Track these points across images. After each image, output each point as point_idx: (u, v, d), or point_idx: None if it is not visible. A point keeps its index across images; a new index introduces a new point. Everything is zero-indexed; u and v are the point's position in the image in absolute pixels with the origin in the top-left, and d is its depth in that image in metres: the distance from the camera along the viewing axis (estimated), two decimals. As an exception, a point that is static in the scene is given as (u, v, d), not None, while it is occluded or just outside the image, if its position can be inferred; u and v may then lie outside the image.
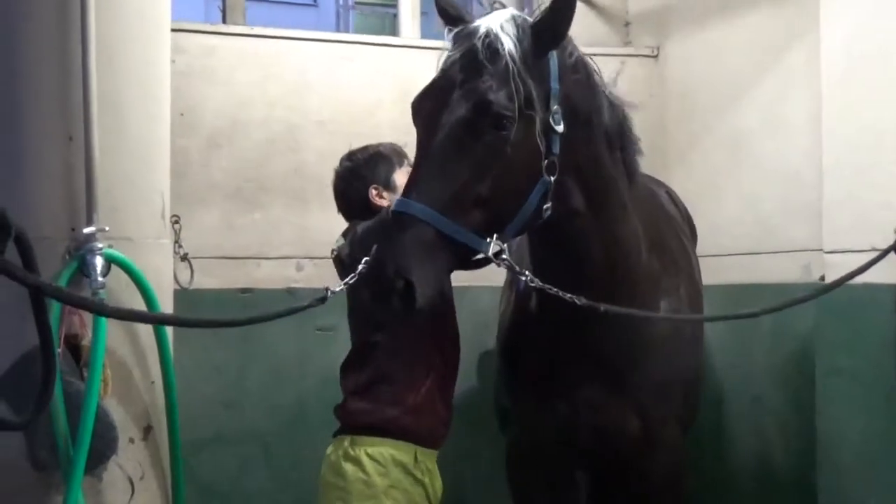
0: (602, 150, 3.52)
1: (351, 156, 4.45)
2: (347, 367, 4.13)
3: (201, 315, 4.44)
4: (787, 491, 5.58)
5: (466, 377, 6.19)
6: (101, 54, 3.22)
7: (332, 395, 5.79)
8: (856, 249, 4.94)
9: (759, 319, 5.23)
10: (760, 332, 5.33)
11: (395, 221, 3.01)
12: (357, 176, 4.30)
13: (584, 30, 6.64)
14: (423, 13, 9.26)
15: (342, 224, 5.94)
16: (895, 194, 4.79)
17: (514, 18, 3.24)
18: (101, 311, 3.23)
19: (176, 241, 4.98)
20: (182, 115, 5.51)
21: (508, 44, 3.14)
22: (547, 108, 3.21)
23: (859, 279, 4.79)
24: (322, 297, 3.22)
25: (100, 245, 3.22)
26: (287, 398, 5.72)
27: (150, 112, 3.48)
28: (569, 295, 3.36)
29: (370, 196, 4.21)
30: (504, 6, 3.40)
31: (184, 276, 5.17)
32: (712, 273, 5.14)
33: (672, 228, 4.21)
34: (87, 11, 3.23)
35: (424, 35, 6.89)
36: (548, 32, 3.26)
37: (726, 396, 5.82)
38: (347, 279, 3.24)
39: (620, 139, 3.62)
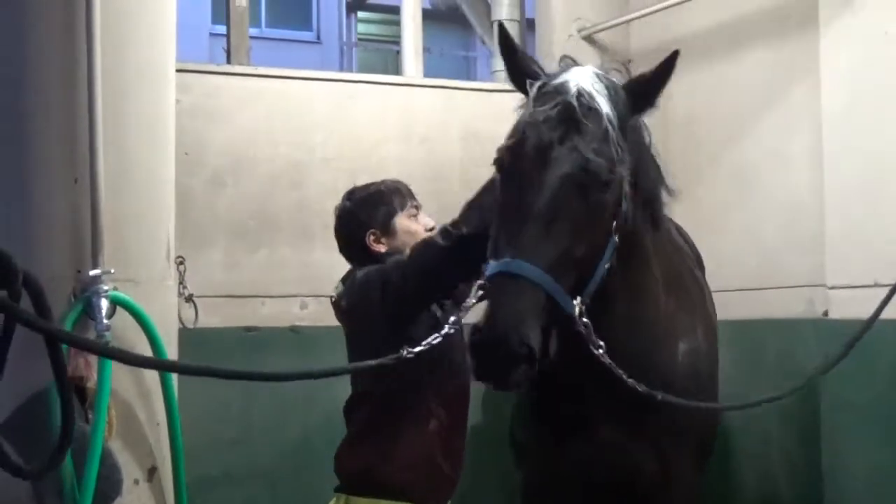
0: (637, 208, 3.51)
1: (351, 195, 4.25)
2: (349, 411, 4.01)
3: (207, 355, 4.44)
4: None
5: (472, 411, 6.20)
6: (108, 97, 3.24)
7: (339, 433, 5.77)
8: (859, 285, 4.94)
9: (764, 356, 5.23)
10: (766, 367, 5.31)
11: (510, 284, 2.91)
12: (354, 219, 4.10)
13: (585, 65, 6.69)
14: (426, 50, 9.32)
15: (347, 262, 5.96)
16: (897, 229, 4.80)
17: (599, 77, 3.21)
18: (129, 361, 3.22)
19: (180, 283, 4.99)
20: (187, 154, 5.52)
21: (605, 106, 3.12)
22: (627, 169, 3.20)
23: (865, 314, 4.78)
24: (397, 356, 3.11)
25: (105, 287, 3.23)
26: (293, 435, 5.71)
27: (156, 154, 3.49)
28: (631, 380, 3.34)
29: (367, 242, 4.02)
30: (575, 62, 3.38)
31: (188, 316, 5.17)
32: (718, 308, 5.14)
33: (686, 265, 4.17)
34: (94, 55, 3.25)
35: (427, 73, 6.93)
36: (643, 98, 3.27)
37: (733, 431, 5.79)
38: (431, 339, 3.12)
39: (655, 196, 3.63)
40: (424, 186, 6.18)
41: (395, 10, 6.99)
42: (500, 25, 3.55)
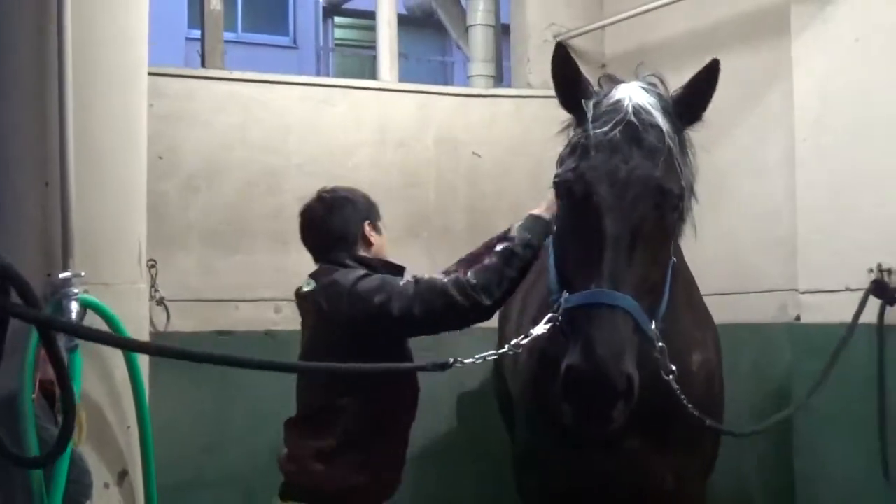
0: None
1: (336, 189, 4.19)
2: (299, 426, 3.92)
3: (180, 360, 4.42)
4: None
5: (445, 418, 6.21)
6: (78, 101, 3.22)
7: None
8: (830, 290, 4.97)
9: (738, 360, 5.25)
10: (741, 370, 5.33)
11: (604, 315, 2.81)
12: (351, 206, 4.04)
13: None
14: (403, 55, 9.32)
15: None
16: (869, 235, 4.83)
17: (649, 91, 3.16)
18: (128, 346, 3.22)
19: (152, 286, 4.98)
20: (161, 157, 5.52)
21: (663, 122, 3.07)
22: (689, 183, 3.19)
23: (836, 318, 4.82)
24: (443, 364, 3.15)
25: (75, 290, 3.21)
26: (267, 440, 5.68)
27: (127, 157, 3.48)
28: (690, 406, 3.34)
29: (364, 230, 4.01)
30: (616, 80, 3.30)
31: (160, 320, 5.15)
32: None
33: (692, 278, 4.12)
34: (65, 58, 3.24)
35: (404, 78, 6.93)
36: (691, 111, 3.24)
37: (706, 436, 5.81)
38: (486, 355, 3.16)
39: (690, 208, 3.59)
40: (399, 191, 6.22)
41: (372, 16, 6.98)
42: (559, 45, 3.39)
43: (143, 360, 3.41)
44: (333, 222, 4.01)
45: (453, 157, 6.39)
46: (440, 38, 15.02)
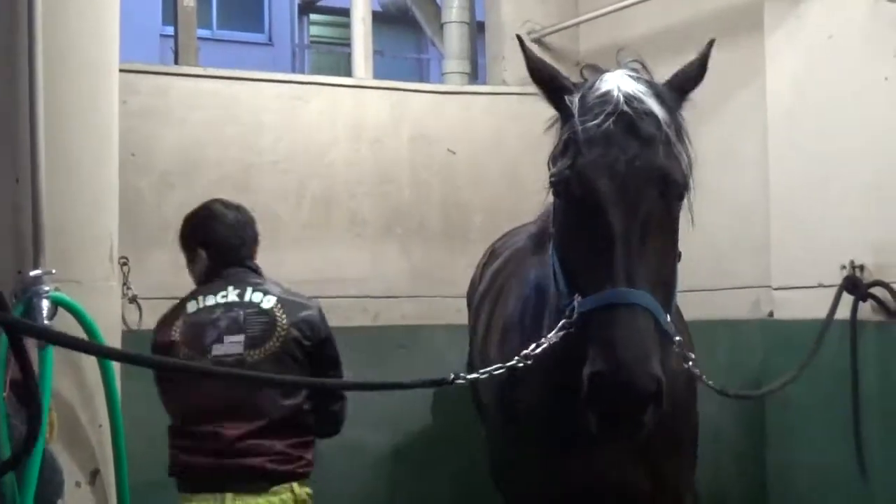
0: None
1: (241, 207, 4.48)
2: (291, 419, 4.12)
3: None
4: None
5: (420, 418, 6.21)
6: (49, 98, 3.19)
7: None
8: (803, 286, 5.00)
9: (713, 356, 5.26)
10: (715, 366, 5.33)
11: (625, 315, 2.69)
12: (252, 228, 4.42)
13: (535, 69, 6.71)
14: (379, 52, 9.29)
15: (296, 264, 5.94)
16: (842, 231, 4.85)
17: (637, 79, 3.04)
18: (103, 353, 3.23)
19: (124, 283, 4.94)
20: (134, 155, 5.48)
21: (657, 108, 2.95)
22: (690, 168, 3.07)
23: (810, 314, 4.85)
24: (442, 380, 3.08)
25: (46, 288, 3.18)
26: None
27: (99, 154, 3.45)
28: (711, 383, 3.34)
29: (254, 251, 4.40)
30: (599, 69, 3.17)
31: (133, 318, 5.11)
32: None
33: None
34: (35, 56, 3.21)
35: (380, 75, 6.92)
36: (683, 93, 3.17)
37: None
38: (492, 369, 3.08)
39: None
40: (374, 188, 6.21)
41: (347, 13, 6.96)
42: (519, 38, 3.32)
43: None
44: (246, 236, 4.37)
45: (428, 154, 6.38)
46: (415, 35, 15.01)
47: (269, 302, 4.14)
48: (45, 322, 3.21)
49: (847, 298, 4.75)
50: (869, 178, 4.78)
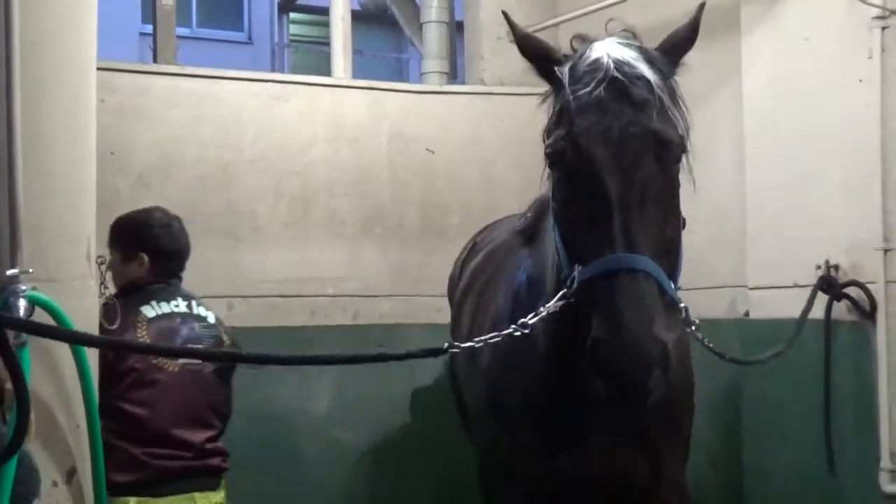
0: None
1: (178, 218, 4.63)
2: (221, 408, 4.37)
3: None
4: (716, 522, 5.63)
5: (399, 413, 6.21)
6: (26, 97, 3.15)
7: (261, 432, 5.77)
8: (779, 286, 5.02)
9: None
10: (692, 364, 5.34)
11: (628, 281, 2.65)
12: (188, 239, 4.61)
13: (514, 70, 6.70)
14: (358, 52, 9.27)
15: (275, 262, 5.94)
16: (817, 232, 4.88)
17: (628, 45, 2.99)
18: (91, 343, 3.23)
19: (101, 282, 4.91)
20: (112, 153, 5.46)
21: (649, 72, 2.89)
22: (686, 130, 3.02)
23: (785, 314, 4.87)
24: (436, 350, 3.05)
25: (23, 287, 3.15)
26: (226, 440, 5.65)
27: (76, 153, 3.41)
28: (717, 351, 3.41)
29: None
30: (589, 38, 3.10)
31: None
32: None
33: None
34: (12, 55, 3.18)
35: (360, 74, 6.91)
36: (676, 57, 3.13)
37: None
38: (487, 338, 3.04)
39: None
40: (353, 187, 6.21)
41: (327, 12, 6.95)
42: (505, 14, 3.28)
43: (92, 359, 3.35)
44: (187, 248, 4.59)
45: (407, 153, 6.38)
46: (395, 35, 14.98)
47: (211, 317, 4.39)
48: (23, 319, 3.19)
49: (822, 298, 4.78)
50: (844, 179, 4.81)
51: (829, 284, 4.79)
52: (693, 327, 3.10)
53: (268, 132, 6.03)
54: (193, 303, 4.39)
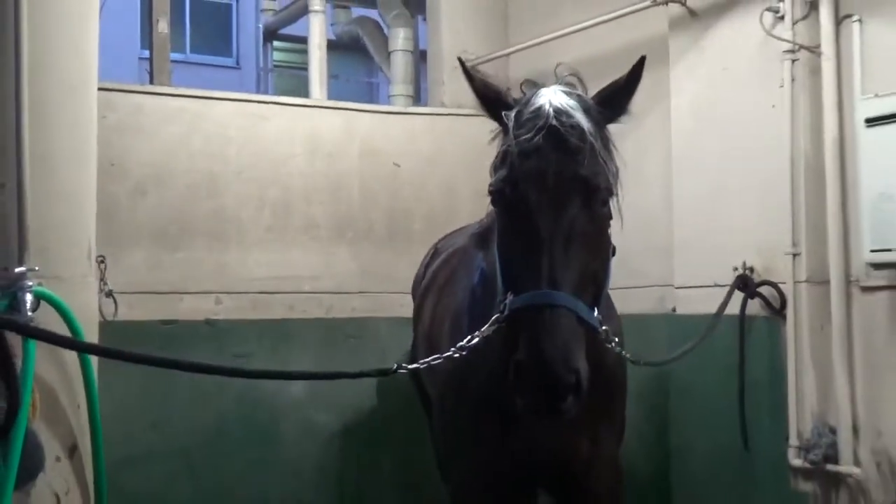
0: None
1: None
2: None
3: (128, 346, 4.37)
4: (646, 494, 5.63)
5: (367, 399, 6.20)
6: (33, 112, 3.15)
7: (249, 413, 5.75)
8: (701, 285, 5.05)
9: (623, 346, 5.28)
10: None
11: (548, 314, 2.68)
12: None
13: (470, 94, 6.71)
14: (334, 76, 9.25)
15: (258, 262, 5.92)
16: (734, 238, 4.92)
17: (569, 94, 2.99)
18: (86, 350, 3.19)
19: (101, 279, 4.87)
20: (112, 164, 5.43)
21: (585, 121, 2.90)
22: (616, 176, 3.05)
23: (706, 310, 4.90)
24: (386, 370, 3.10)
25: (30, 283, 3.13)
26: (208, 418, 5.63)
27: (78, 163, 3.40)
28: (628, 356, 3.38)
29: None
30: (537, 84, 3.10)
31: (109, 310, 5.05)
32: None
33: None
34: (21, 72, 3.16)
35: (335, 97, 6.90)
36: (616, 107, 3.12)
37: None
38: (431, 359, 3.07)
39: None
40: (327, 196, 6.19)
41: (306, 41, 6.94)
42: (461, 60, 3.27)
43: (92, 345, 3.34)
44: None
45: (376, 167, 6.37)
46: (366, 62, 14.95)
47: None
48: (29, 314, 3.16)
49: (738, 296, 4.82)
50: (758, 192, 4.85)
51: (745, 284, 4.82)
52: (611, 344, 3.11)
53: (252, 147, 6.00)
54: None
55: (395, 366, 3.07)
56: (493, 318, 2.94)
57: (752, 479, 4.84)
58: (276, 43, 18.78)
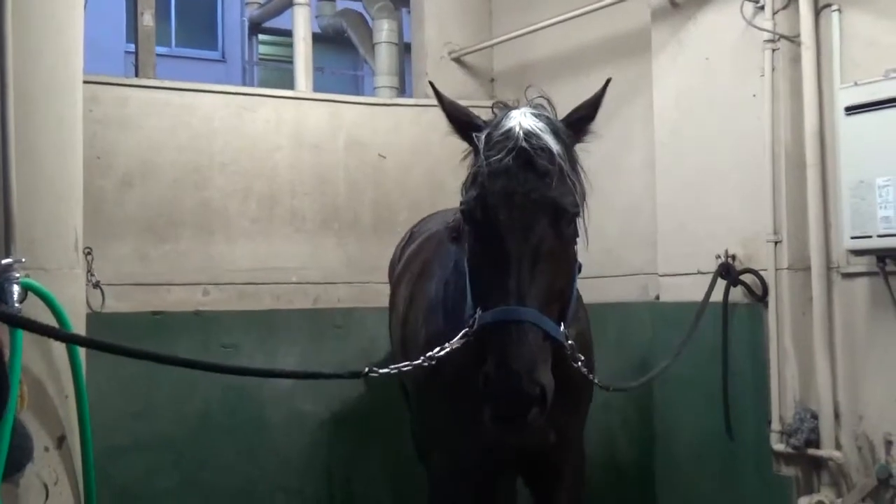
0: None
1: None
2: None
3: (116, 338, 4.38)
4: (630, 479, 5.68)
5: (356, 387, 6.21)
6: (19, 106, 3.14)
7: (235, 404, 5.75)
8: (684, 273, 5.08)
9: (607, 334, 5.31)
10: (608, 342, 5.39)
11: (513, 330, 2.78)
12: None
13: (455, 85, 6.74)
14: (319, 69, 9.23)
15: (245, 254, 5.92)
16: (717, 226, 4.94)
17: (538, 116, 3.08)
18: (80, 343, 3.20)
19: (89, 271, 4.87)
20: (98, 157, 5.41)
21: (553, 143, 2.99)
22: (582, 196, 3.13)
23: (689, 297, 4.93)
24: (357, 373, 3.21)
25: (17, 274, 3.13)
26: (194, 407, 5.63)
27: (64, 157, 3.39)
28: (597, 381, 3.45)
29: None
30: (507, 106, 3.19)
31: (96, 302, 5.05)
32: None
33: None
34: (6, 66, 3.15)
35: (320, 89, 6.88)
36: (580, 129, 3.20)
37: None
38: (400, 366, 3.20)
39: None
40: (313, 188, 6.19)
41: (291, 34, 6.91)
42: (432, 84, 3.43)
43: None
44: None
45: (361, 159, 6.37)
46: (351, 54, 14.92)
47: None
48: (16, 305, 3.16)
49: (721, 284, 4.84)
50: (739, 181, 4.87)
51: (728, 272, 4.84)
52: (578, 363, 3.19)
53: (238, 139, 5.99)
54: None
55: (367, 369, 3.17)
56: (463, 331, 3.04)
57: (735, 464, 4.88)
58: (261, 36, 18.73)
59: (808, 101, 4.61)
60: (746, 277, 4.82)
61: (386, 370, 3.21)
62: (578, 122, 3.21)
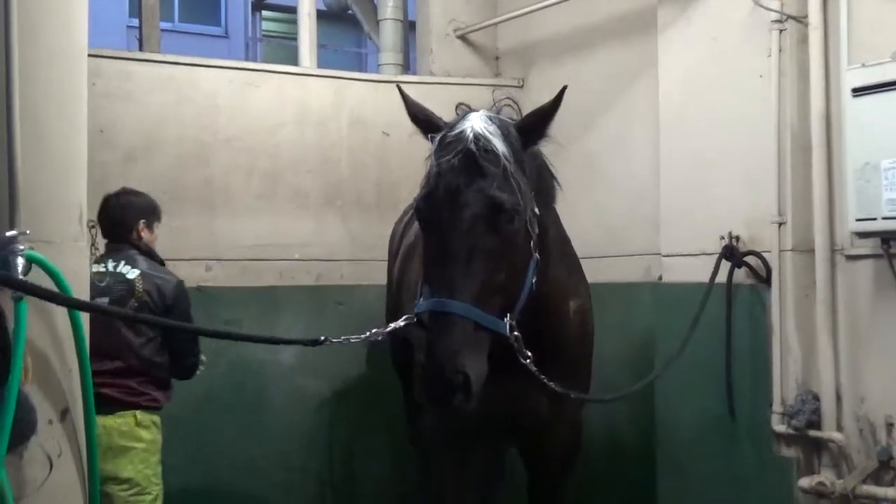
0: (549, 212, 3.63)
1: (127, 190, 4.89)
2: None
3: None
4: (631, 460, 5.70)
5: (357, 365, 6.24)
6: (23, 79, 3.12)
7: (240, 380, 5.78)
8: (688, 253, 5.08)
9: (610, 315, 5.31)
10: (611, 322, 5.40)
11: (440, 320, 2.98)
12: (135, 209, 4.78)
13: (460, 63, 6.74)
14: (323, 46, 9.21)
15: (247, 230, 5.92)
16: (721, 207, 4.94)
17: (492, 119, 3.26)
18: (83, 308, 3.23)
19: (92, 244, 4.87)
20: (102, 132, 5.42)
21: (501, 146, 3.16)
22: (530, 195, 3.28)
23: (693, 278, 4.94)
24: (315, 340, 3.43)
25: (21, 246, 3.13)
26: (198, 383, 5.64)
27: (68, 129, 3.38)
28: (551, 384, 3.54)
29: (138, 225, 4.74)
30: (469, 109, 3.41)
31: (100, 275, 5.04)
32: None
33: (566, 234, 4.16)
34: (11, 41, 3.14)
35: (324, 66, 6.88)
36: (535, 132, 3.37)
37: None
38: (351, 337, 3.42)
39: (550, 193, 3.74)
40: (317, 166, 6.20)
41: (295, 10, 6.90)
42: (399, 87, 3.64)
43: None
44: (116, 212, 4.75)
45: (364, 136, 6.37)
46: (355, 31, 14.89)
47: (132, 273, 4.59)
48: (20, 277, 3.16)
49: (725, 265, 4.85)
50: (744, 162, 4.87)
51: (732, 253, 4.84)
52: (528, 360, 3.36)
53: (241, 115, 6.00)
54: (121, 263, 4.61)
55: (323, 338, 3.40)
56: (406, 316, 3.29)
57: (736, 445, 4.89)
58: (264, 12, 18.67)
59: (815, 82, 4.60)
60: (750, 259, 4.82)
61: (338, 340, 3.40)
62: (531, 128, 3.37)
